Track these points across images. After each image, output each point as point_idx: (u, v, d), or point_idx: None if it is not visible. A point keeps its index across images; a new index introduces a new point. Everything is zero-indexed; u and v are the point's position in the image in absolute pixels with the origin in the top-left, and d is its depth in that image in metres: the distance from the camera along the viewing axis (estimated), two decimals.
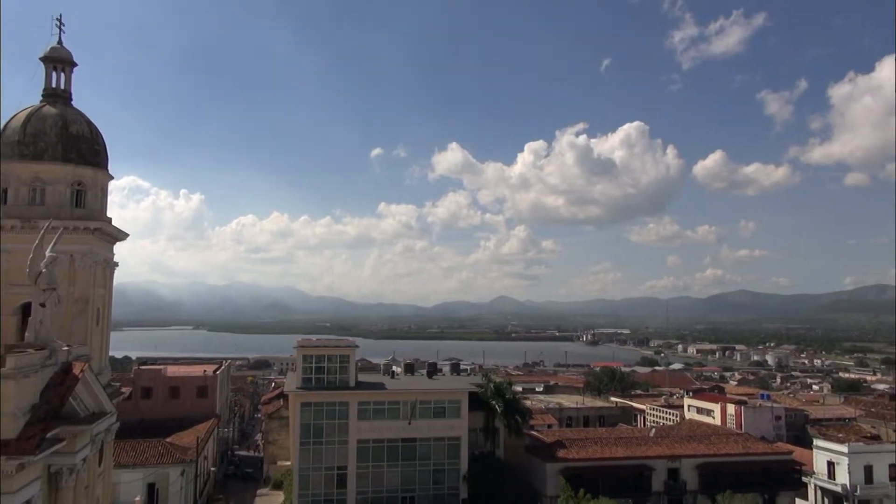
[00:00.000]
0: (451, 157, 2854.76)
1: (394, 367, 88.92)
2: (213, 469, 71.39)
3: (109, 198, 38.16)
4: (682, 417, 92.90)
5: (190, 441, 61.39)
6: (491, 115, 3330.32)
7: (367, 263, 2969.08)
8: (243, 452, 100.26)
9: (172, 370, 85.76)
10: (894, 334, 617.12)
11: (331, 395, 58.97)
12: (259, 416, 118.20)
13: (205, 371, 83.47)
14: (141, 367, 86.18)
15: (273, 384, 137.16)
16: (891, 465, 68.97)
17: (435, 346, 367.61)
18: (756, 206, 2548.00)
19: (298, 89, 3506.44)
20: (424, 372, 78.36)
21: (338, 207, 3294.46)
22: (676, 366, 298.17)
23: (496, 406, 62.51)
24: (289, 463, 64.34)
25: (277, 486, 68.96)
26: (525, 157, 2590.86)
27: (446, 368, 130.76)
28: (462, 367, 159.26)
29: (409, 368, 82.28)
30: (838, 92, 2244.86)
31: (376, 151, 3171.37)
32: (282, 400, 79.28)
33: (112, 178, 38.14)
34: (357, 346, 64.58)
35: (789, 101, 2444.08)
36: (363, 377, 68.92)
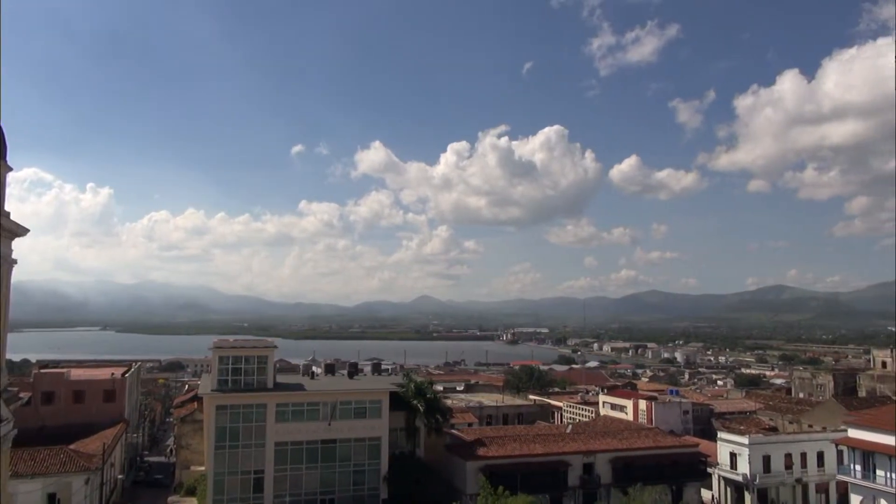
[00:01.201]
0: (374, 156, 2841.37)
1: (314, 368, 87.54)
2: (120, 476, 68.16)
3: (7, 190, 35.73)
4: (598, 414, 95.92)
5: (95, 448, 58.34)
6: (414, 114, 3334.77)
7: (287, 262, 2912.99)
8: (154, 458, 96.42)
9: (77, 373, 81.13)
10: (790, 332, 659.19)
11: (248, 397, 57.42)
12: (171, 420, 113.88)
13: (112, 374, 79.51)
14: (42, 371, 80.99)
15: (186, 387, 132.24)
16: (786, 455, 73.50)
17: (356, 346, 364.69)
18: (668, 210, 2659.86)
19: (217, 82, 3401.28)
20: (345, 372, 77.56)
21: (257, 205, 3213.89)
22: (592, 364, 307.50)
23: (417, 406, 62.59)
24: (203, 468, 62.19)
25: (190, 492, 66.61)
26: (448, 158, 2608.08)
27: (367, 369, 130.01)
28: (383, 367, 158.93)
29: (330, 369, 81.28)
30: (743, 103, 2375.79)
31: (298, 148, 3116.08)
32: (196, 403, 76.52)
33: (11, 169, 35.75)
34: (275, 347, 63.15)
35: (699, 110, 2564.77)
36: (282, 378, 67.48)
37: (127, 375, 79.22)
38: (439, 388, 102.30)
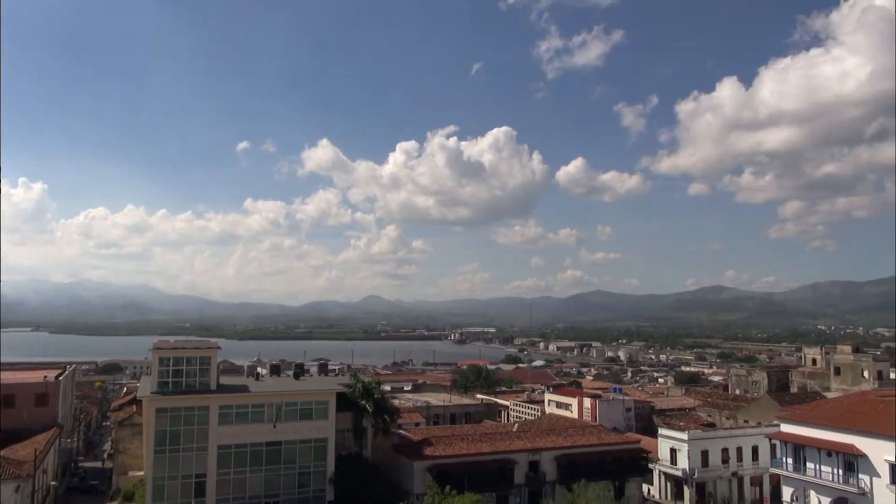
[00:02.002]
0: (321, 154, 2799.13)
1: (258, 369, 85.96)
2: (53, 483, 65.52)
3: None
4: (543, 412, 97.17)
5: (26, 454, 55.91)
6: (363, 113, 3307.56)
7: (231, 261, 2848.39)
8: (89, 464, 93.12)
9: (7, 376, 77.42)
10: (728, 331, 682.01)
11: (189, 399, 55.99)
12: (108, 423, 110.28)
13: (45, 377, 76.22)
14: None
15: (125, 389, 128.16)
16: (723, 450, 76.09)
17: (303, 346, 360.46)
18: (612, 212, 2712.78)
19: (160, 75, 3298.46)
20: (291, 373, 76.45)
21: (200, 202, 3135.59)
22: (538, 363, 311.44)
23: (365, 406, 62.24)
24: (141, 473, 60.38)
25: (128, 498, 64.46)
26: (397, 157, 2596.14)
27: (314, 369, 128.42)
28: (330, 367, 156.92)
29: (275, 370, 79.82)
30: (684, 108, 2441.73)
31: (243, 145, 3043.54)
32: (135, 406, 74.15)
33: None
34: (219, 348, 61.76)
35: (642, 114, 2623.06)
36: (225, 380, 66.10)
37: (61, 378, 76.17)
38: (387, 388, 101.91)
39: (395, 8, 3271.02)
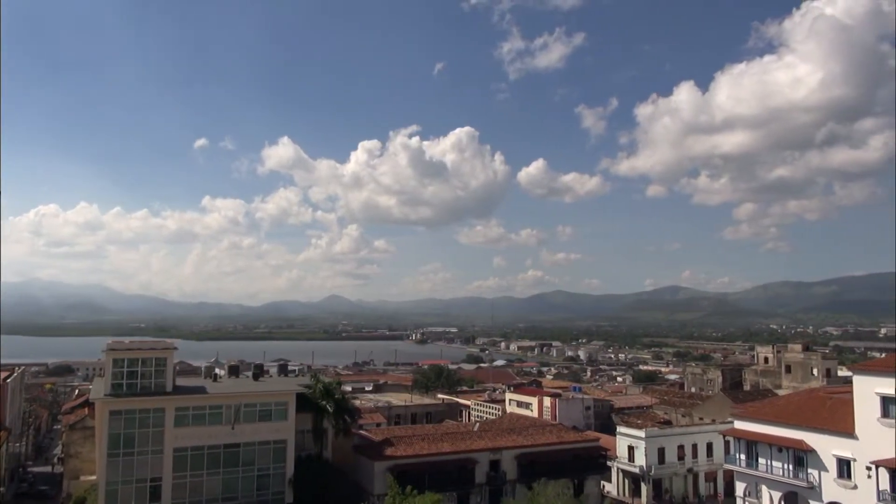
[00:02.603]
0: (282, 152, 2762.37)
1: (217, 370, 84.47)
2: (0, 489, 63.43)
3: None
4: (504, 411, 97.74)
5: None
6: (325, 111, 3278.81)
7: (189, 260, 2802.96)
8: (38, 469, 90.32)
9: None
10: (684, 330, 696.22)
11: (144, 401, 54.74)
12: (59, 427, 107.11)
13: None
14: None
15: (77, 391, 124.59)
16: (679, 447, 77.68)
17: (262, 346, 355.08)
18: (572, 213, 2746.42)
19: (115, 69, 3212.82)
20: (250, 374, 75.38)
21: (156, 200, 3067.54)
22: (499, 362, 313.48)
23: (325, 407, 61.73)
24: (93, 477, 58.79)
25: (80, 503, 62.74)
26: (359, 156, 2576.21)
27: (274, 370, 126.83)
28: (290, 367, 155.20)
29: (234, 370, 78.56)
30: (643, 111, 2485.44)
31: (201, 142, 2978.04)
32: (87, 408, 72.17)
33: None
34: (175, 348, 60.52)
35: (602, 116, 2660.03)
36: (182, 381, 64.89)
37: (9, 381, 73.81)
38: (348, 388, 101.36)
39: (357, 6, 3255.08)
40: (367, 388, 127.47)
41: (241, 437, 57.14)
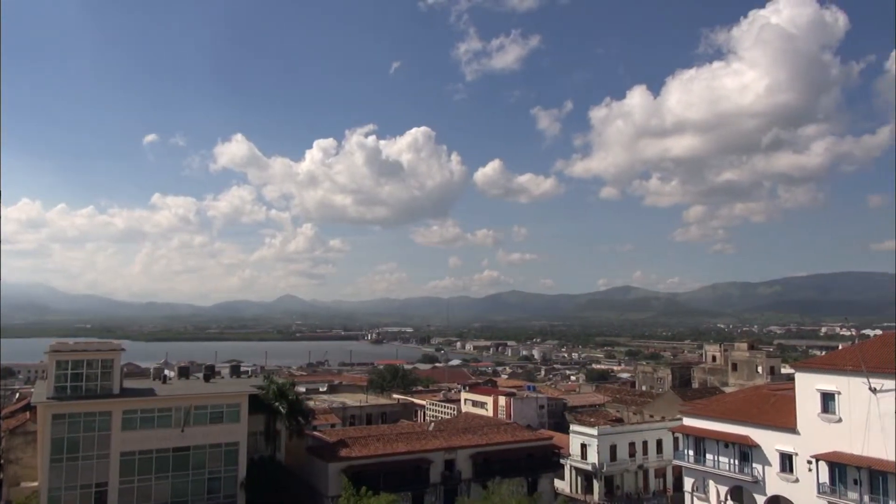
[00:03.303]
0: (235, 149, 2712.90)
1: (166, 371, 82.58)
2: None
3: None
4: (460, 411, 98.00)
5: None
6: (279, 108, 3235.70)
7: (137, 259, 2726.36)
8: None
9: None
10: (635, 330, 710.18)
11: (89, 404, 53.12)
12: None
13: None
14: None
15: (17, 395, 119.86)
16: (630, 444, 79.21)
17: (214, 347, 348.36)
18: (528, 213, 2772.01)
19: (59, 60, 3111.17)
20: (201, 375, 73.88)
21: (103, 196, 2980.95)
22: (455, 362, 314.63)
23: (279, 408, 60.92)
24: (35, 484, 56.75)
25: None
26: (314, 155, 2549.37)
27: (226, 371, 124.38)
28: (243, 368, 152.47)
29: (184, 372, 76.90)
30: (597, 114, 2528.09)
31: (150, 138, 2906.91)
32: (28, 412, 69.57)
33: None
34: (123, 350, 58.96)
35: (557, 118, 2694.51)
36: (130, 383, 63.23)
37: None
38: (302, 389, 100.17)
39: (314, 1, 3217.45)
40: (321, 389, 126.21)
41: (191, 440, 55.98)
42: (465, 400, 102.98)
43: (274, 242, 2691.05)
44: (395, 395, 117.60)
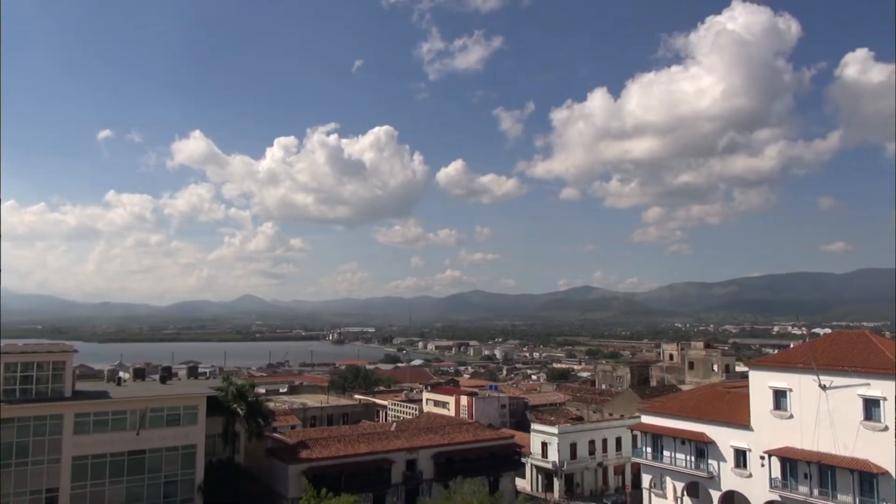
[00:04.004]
0: (193, 146, 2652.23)
1: (120, 373, 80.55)
2: None
3: None
4: (422, 410, 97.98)
5: None
6: (239, 105, 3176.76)
7: (90, 258, 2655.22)
8: None
9: None
10: (595, 329, 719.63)
11: (39, 408, 51.47)
12: None
13: None
14: None
15: None
16: (590, 442, 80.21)
17: (171, 348, 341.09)
18: (490, 213, 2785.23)
19: (12, 52, 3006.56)
20: (157, 377, 72.31)
21: (54, 193, 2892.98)
22: (417, 362, 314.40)
23: (237, 409, 59.99)
24: None
25: None
26: (275, 153, 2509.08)
27: (183, 372, 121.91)
28: (201, 370, 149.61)
29: (139, 373, 75.19)
30: (559, 116, 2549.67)
31: (105, 133, 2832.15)
32: None
33: None
34: (75, 351, 57.32)
35: (519, 119, 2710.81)
36: (83, 385, 61.47)
37: None
38: (262, 390, 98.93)
39: None
40: (281, 390, 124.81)
41: (146, 444, 54.73)
42: (427, 400, 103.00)
43: (233, 241, 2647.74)
44: (357, 396, 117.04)
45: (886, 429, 47.89)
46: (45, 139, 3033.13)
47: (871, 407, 49.09)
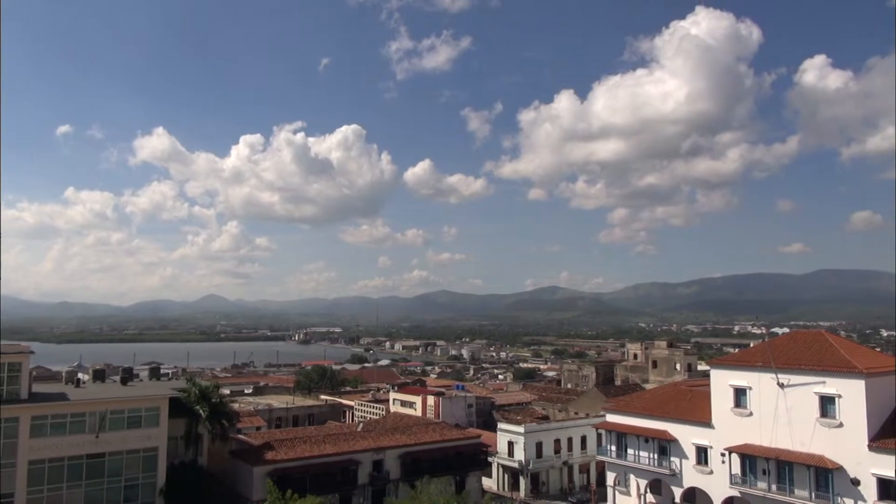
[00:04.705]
0: (156, 143, 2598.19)
1: (80, 375, 78.71)
2: None
3: None
4: (388, 411, 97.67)
5: None
6: (204, 102, 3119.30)
7: (49, 256, 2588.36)
8: None
9: None
10: (562, 329, 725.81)
11: None
12: None
13: None
14: None
15: None
16: (556, 441, 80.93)
17: (132, 349, 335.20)
18: (457, 214, 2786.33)
19: None
20: (118, 378, 70.84)
21: (10, 191, 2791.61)
22: (384, 362, 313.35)
23: (200, 411, 59.11)
24: None
25: None
26: (240, 151, 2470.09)
27: (144, 373, 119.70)
28: (163, 371, 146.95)
29: (99, 375, 73.49)
30: (526, 117, 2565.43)
31: (64, 129, 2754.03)
32: None
33: None
34: (32, 352, 55.81)
35: (487, 120, 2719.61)
36: (40, 387, 59.83)
37: None
38: (226, 391, 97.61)
39: None
40: (246, 391, 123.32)
41: (106, 447, 53.57)
42: (394, 400, 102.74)
43: (197, 240, 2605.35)
44: (323, 397, 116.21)
45: (841, 425, 49.32)
46: (2, 134, 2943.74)
47: (826, 404, 50.51)
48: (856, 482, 48.10)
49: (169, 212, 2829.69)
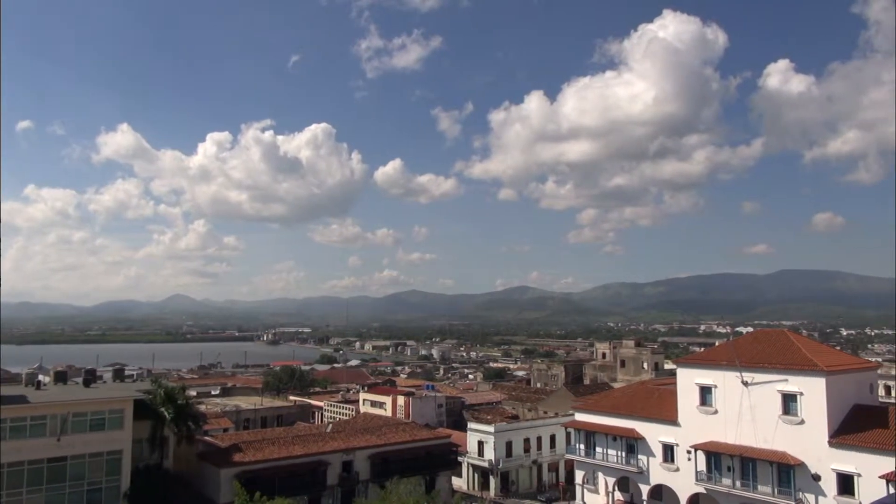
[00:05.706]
0: (120, 140, 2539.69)
1: (40, 376, 76.74)
2: None
3: None
4: (358, 411, 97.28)
5: None
6: (170, 98, 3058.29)
7: (8, 255, 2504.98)
8: None
9: None
10: (531, 329, 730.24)
11: None
12: None
13: None
14: None
15: None
16: (525, 440, 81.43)
17: (96, 350, 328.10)
18: (428, 213, 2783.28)
19: None
20: (80, 380, 69.29)
21: None
22: (354, 362, 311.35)
23: (166, 413, 58.13)
24: None
25: None
26: (207, 148, 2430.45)
27: (108, 375, 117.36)
28: (128, 372, 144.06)
29: (61, 376, 71.75)
30: (496, 117, 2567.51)
31: (24, 124, 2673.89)
32: None
33: None
34: None
35: (458, 120, 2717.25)
36: None
37: None
38: (193, 393, 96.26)
39: None
40: (213, 392, 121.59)
41: (68, 450, 52.32)
42: (364, 400, 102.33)
43: (163, 239, 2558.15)
44: (292, 397, 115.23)
45: (803, 422, 50.49)
46: None
47: (788, 402, 51.69)
48: (817, 478, 49.31)
49: (134, 210, 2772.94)
